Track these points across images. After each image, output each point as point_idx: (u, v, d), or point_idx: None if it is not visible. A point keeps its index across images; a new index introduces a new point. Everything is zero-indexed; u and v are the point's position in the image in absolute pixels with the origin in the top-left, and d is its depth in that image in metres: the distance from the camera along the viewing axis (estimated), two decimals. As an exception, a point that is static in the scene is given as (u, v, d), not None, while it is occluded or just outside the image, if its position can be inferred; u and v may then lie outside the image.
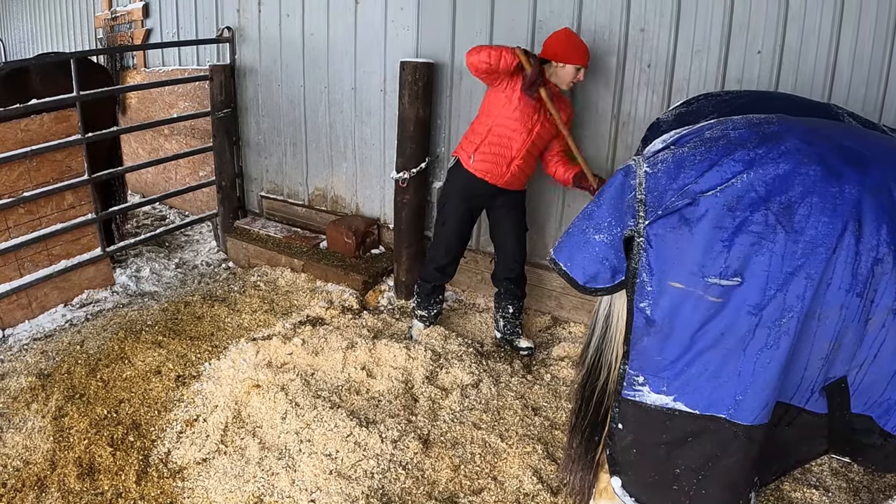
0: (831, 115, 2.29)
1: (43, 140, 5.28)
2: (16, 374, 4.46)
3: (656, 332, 1.95)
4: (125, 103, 8.40)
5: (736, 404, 1.86)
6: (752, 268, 1.79)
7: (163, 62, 8.17)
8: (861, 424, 1.94)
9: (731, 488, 1.99)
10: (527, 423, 3.80)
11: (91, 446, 3.74)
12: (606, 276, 2.14)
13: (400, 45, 5.34)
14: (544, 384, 4.19)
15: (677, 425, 1.95)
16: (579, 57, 4.10)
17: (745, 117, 2.09)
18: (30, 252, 5.34)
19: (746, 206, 1.81)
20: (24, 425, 3.93)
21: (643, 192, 2.02)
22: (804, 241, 1.75)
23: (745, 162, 1.87)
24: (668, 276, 1.92)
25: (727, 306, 1.83)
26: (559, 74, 4.18)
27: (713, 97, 2.49)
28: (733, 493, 2.02)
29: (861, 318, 1.80)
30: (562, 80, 4.20)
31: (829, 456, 3.42)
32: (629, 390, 2.02)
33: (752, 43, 3.88)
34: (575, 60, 4.10)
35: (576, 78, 4.18)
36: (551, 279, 4.97)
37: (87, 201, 5.69)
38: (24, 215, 5.27)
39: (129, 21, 8.63)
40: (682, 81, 4.14)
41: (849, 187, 1.78)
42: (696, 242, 1.87)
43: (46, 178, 5.37)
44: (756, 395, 1.84)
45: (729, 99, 2.43)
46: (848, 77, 3.70)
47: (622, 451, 2.09)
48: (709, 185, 1.89)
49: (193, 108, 7.29)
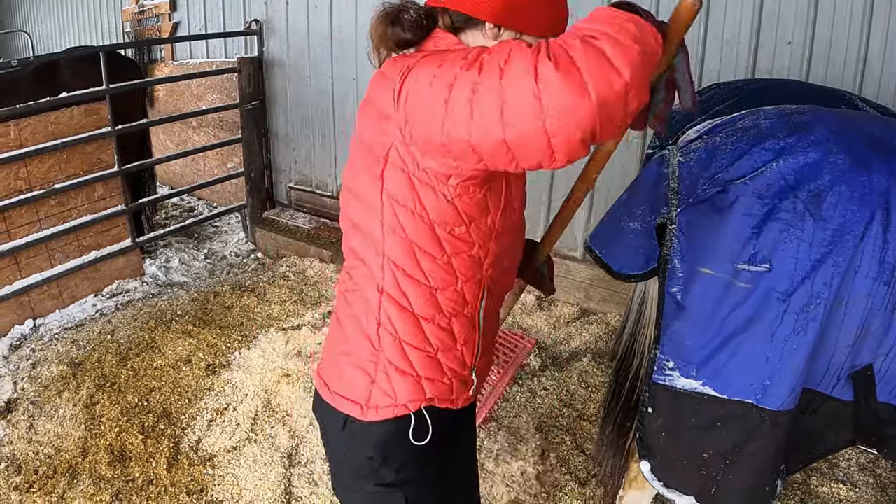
0: (845, 101, 2.30)
1: (73, 133, 5.38)
2: (47, 363, 4.57)
3: (686, 318, 1.98)
4: (153, 96, 8.52)
5: (763, 390, 1.88)
6: (781, 254, 1.81)
7: (191, 55, 8.27)
8: (886, 413, 1.96)
9: (757, 474, 2.02)
10: (555, 415, 3.83)
11: (122, 434, 3.82)
12: (640, 262, 2.18)
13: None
14: (573, 376, 4.20)
15: (706, 410, 1.98)
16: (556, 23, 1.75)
17: (777, 107, 2.11)
18: (60, 243, 5.45)
19: (775, 194, 1.83)
20: (55, 413, 4.02)
21: (676, 181, 2.05)
22: (832, 228, 1.77)
23: (774, 151, 1.89)
24: (699, 262, 1.95)
25: (756, 292, 1.85)
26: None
27: (725, 86, 2.51)
28: (759, 478, 2.04)
29: (888, 307, 1.82)
30: None
31: (856, 450, 3.48)
32: (659, 375, 2.05)
33: (783, 34, 3.87)
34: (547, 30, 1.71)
35: None
36: (579, 271, 4.99)
37: (116, 193, 5.79)
38: (54, 207, 5.36)
39: (157, 15, 8.74)
40: (713, 72, 4.13)
41: (877, 177, 1.79)
42: (725, 229, 1.89)
43: (77, 169, 5.47)
44: (783, 381, 1.86)
45: (741, 86, 2.45)
46: (879, 69, 3.67)
47: (652, 434, 2.12)
48: (739, 173, 1.91)
49: (222, 100, 7.38)
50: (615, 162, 4.63)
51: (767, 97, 2.27)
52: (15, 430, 3.89)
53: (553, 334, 4.74)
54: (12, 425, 3.94)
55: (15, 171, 5.08)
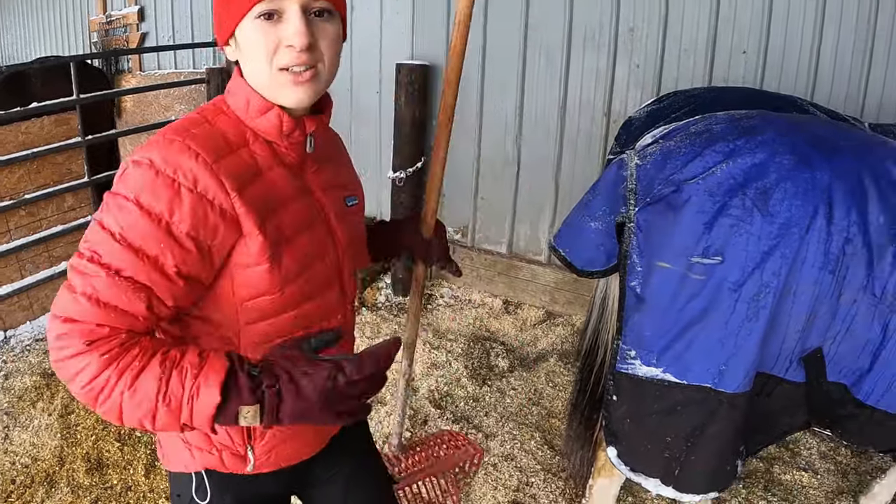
0: (796, 107, 2.45)
1: (43, 143, 5.38)
2: (20, 374, 4.55)
3: (646, 309, 2.11)
4: (121, 107, 8.47)
5: (720, 374, 2.02)
6: (732, 248, 1.95)
7: (158, 65, 8.29)
8: (837, 393, 2.10)
9: (718, 455, 2.15)
10: (524, 413, 3.94)
11: (99, 442, 3.85)
12: (602, 260, 2.33)
13: (395, 48, 5.48)
14: (541, 375, 4.31)
15: (667, 395, 2.11)
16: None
17: (728, 113, 2.25)
18: (31, 254, 5.42)
19: (726, 192, 1.98)
20: (30, 423, 4.03)
21: (634, 182, 2.19)
22: (778, 223, 1.92)
23: (724, 153, 2.03)
24: (656, 257, 2.09)
25: (709, 283, 1.99)
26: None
27: (682, 94, 2.66)
28: (721, 459, 2.18)
29: (834, 294, 1.96)
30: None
31: (816, 438, 3.64)
32: (622, 364, 2.18)
33: (738, 43, 4.03)
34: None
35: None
36: (545, 274, 5.11)
37: (87, 203, 5.79)
38: (24, 217, 5.36)
39: (125, 25, 8.73)
40: (671, 81, 4.28)
41: (820, 173, 1.94)
42: (680, 226, 2.03)
43: (47, 180, 5.47)
44: (738, 365, 2.00)
45: (697, 94, 2.61)
46: (830, 76, 3.84)
47: (617, 421, 2.24)
48: (692, 173, 2.05)
49: (189, 110, 7.37)
50: (578, 168, 4.78)
51: (722, 104, 2.41)
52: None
53: (520, 336, 4.86)
54: None
55: None
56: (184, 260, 1.26)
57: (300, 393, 1.18)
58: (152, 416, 1.18)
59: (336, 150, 1.73)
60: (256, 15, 1.31)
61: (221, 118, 1.41)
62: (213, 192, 1.28)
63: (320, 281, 1.50)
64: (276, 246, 1.37)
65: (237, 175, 1.32)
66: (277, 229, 1.37)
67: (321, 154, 1.55)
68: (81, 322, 1.18)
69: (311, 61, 1.34)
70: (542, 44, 4.79)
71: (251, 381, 1.18)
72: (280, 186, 1.41)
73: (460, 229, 5.55)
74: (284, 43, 1.32)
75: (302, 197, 1.47)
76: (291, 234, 1.41)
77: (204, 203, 1.27)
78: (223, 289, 1.39)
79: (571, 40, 4.64)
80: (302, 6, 1.31)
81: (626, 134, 2.60)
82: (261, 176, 1.39)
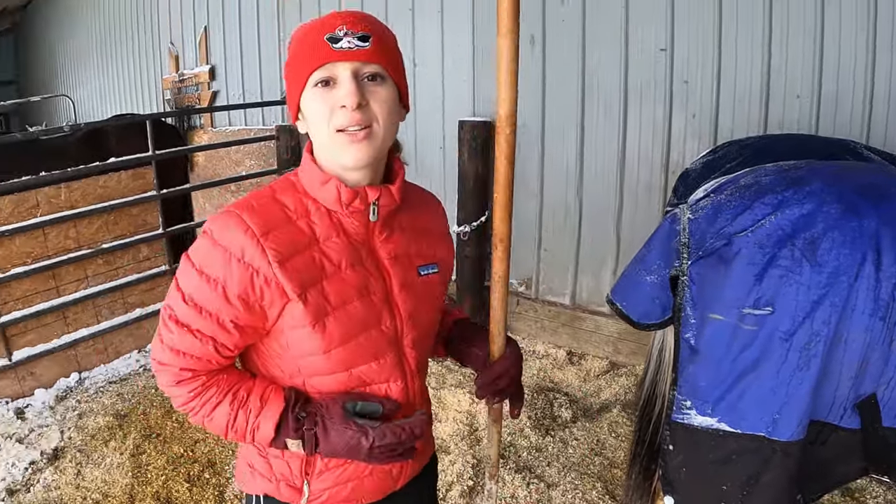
0: (850, 151, 2.46)
1: (120, 196, 5.76)
2: (93, 414, 4.81)
3: (700, 360, 2.14)
4: (193, 161, 8.84)
5: (773, 423, 2.03)
6: (782, 298, 1.98)
7: (229, 122, 8.61)
8: (893, 438, 2.09)
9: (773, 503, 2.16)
10: (587, 463, 3.95)
11: (168, 482, 4.02)
12: (657, 312, 2.36)
13: (457, 106, 5.61)
14: (603, 426, 4.32)
15: (722, 445, 2.13)
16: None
17: (776, 164, 2.29)
18: (107, 300, 5.77)
19: (775, 244, 2.01)
20: (102, 461, 4.23)
21: (686, 236, 2.23)
22: (827, 272, 1.94)
23: (773, 205, 2.07)
24: (709, 309, 2.12)
25: (761, 334, 2.01)
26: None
27: (736, 143, 2.70)
28: (777, 508, 2.18)
29: (885, 340, 1.97)
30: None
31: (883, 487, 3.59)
32: (678, 414, 2.21)
33: (791, 89, 4.06)
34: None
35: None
36: (608, 325, 5.13)
37: (160, 254, 6.14)
38: (101, 265, 5.73)
39: (196, 83, 9.14)
40: (727, 130, 4.32)
41: (867, 221, 1.96)
42: (731, 278, 2.06)
43: (123, 230, 5.85)
44: (791, 414, 2.01)
45: (751, 143, 2.64)
46: (884, 118, 3.84)
47: (673, 470, 2.26)
48: (742, 226, 2.09)
49: (259, 165, 7.70)
50: (639, 219, 4.82)
51: (774, 153, 2.45)
52: (63, 476, 4.09)
53: (584, 387, 4.88)
54: (60, 471, 4.14)
55: (65, 231, 5.46)
56: (237, 316, 1.48)
57: (329, 441, 1.48)
58: (225, 435, 1.56)
59: (421, 218, 1.76)
60: (314, 83, 1.45)
61: (289, 192, 1.57)
62: (258, 262, 1.45)
63: (372, 347, 1.58)
64: (320, 312, 1.50)
65: (284, 246, 1.47)
66: (321, 296, 1.50)
67: (396, 222, 1.65)
68: (169, 366, 1.53)
69: (365, 121, 1.44)
70: (599, 96, 4.89)
71: (296, 422, 1.51)
72: (333, 256, 1.53)
73: (524, 281, 5.62)
74: (338, 104, 1.43)
75: (358, 266, 1.56)
76: (338, 302, 1.52)
77: (250, 271, 1.45)
78: (280, 344, 1.56)
79: (628, 92, 4.73)
80: (353, 71, 1.44)
81: (682, 186, 2.65)
82: (313, 246, 1.52)
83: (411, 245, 1.68)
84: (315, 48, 1.44)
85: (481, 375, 1.83)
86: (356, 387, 1.59)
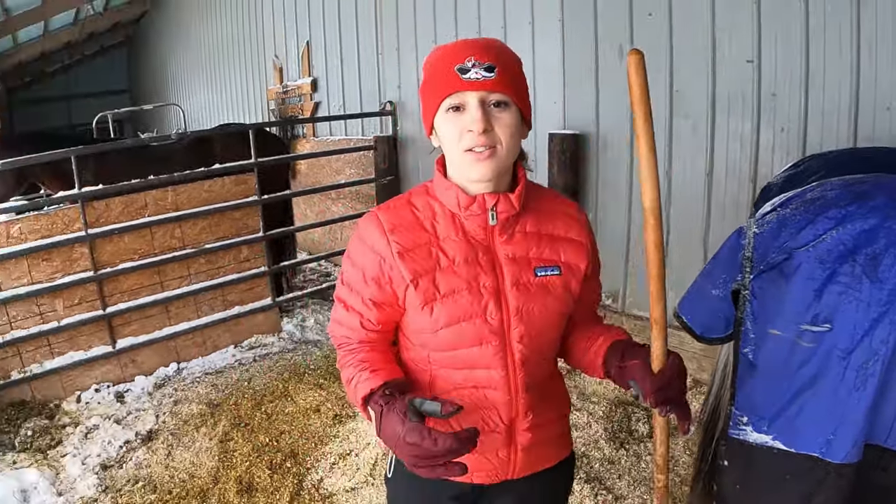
0: None
1: (223, 200, 6.09)
2: (188, 402, 5.15)
3: (758, 376, 2.11)
4: (296, 168, 9.24)
5: (828, 443, 1.98)
6: (841, 315, 1.93)
7: (330, 132, 8.87)
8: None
9: (828, 527, 2.10)
10: (659, 478, 3.89)
11: (251, 468, 4.23)
12: (721, 326, 2.35)
13: (547, 119, 5.62)
14: (679, 443, 4.26)
15: (776, 463, 2.08)
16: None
17: (843, 178, 2.23)
18: (207, 297, 6.15)
19: (836, 259, 1.96)
20: (192, 445, 4.53)
21: (750, 251, 2.20)
22: (888, 289, 1.88)
23: (836, 219, 2.02)
24: (769, 324, 2.09)
25: (819, 351, 1.97)
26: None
27: (818, 157, 2.64)
28: (831, 531, 2.12)
29: (946, 362, 1.90)
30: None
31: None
32: (735, 430, 2.18)
33: (881, 100, 3.91)
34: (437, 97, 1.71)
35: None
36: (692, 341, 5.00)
37: (260, 255, 6.47)
38: (204, 264, 6.09)
39: (299, 94, 9.48)
40: (815, 143, 4.19)
41: (932, 238, 1.90)
42: (791, 293, 2.03)
43: (225, 232, 6.19)
44: (846, 435, 1.95)
45: (832, 157, 2.57)
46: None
47: (727, 486, 2.24)
48: (804, 241, 2.05)
49: (358, 174, 7.96)
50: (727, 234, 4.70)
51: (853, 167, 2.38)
52: (154, 456, 4.42)
53: (664, 403, 4.79)
54: (152, 451, 4.47)
55: (171, 231, 5.85)
56: (374, 294, 1.82)
57: (382, 422, 1.61)
58: (347, 388, 1.83)
59: (549, 224, 1.88)
60: (446, 109, 1.68)
61: (422, 196, 1.86)
62: (385, 252, 1.77)
63: (476, 333, 1.77)
64: (429, 297, 1.76)
65: (406, 240, 1.77)
66: (432, 284, 1.76)
67: (518, 226, 1.83)
68: (333, 332, 1.98)
69: (489, 143, 1.64)
70: (687, 110, 4.82)
71: (379, 398, 1.66)
72: (449, 252, 1.78)
73: (611, 294, 5.58)
74: (467, 128, 1.64)
75: (472, 262, 1.78)
76: (447, 290, 1.76)
77: (379, 259, 1.78)
78: (407, 321, 1.86)
79: (715, 106, 4.66)
80: (479, 99, 1.63)
81: (763, 200, 2.60)
82: (432, 242, 1.79)
83: (532, 248, 1.83)
84: (447, 76, 1.66)
85: (650, 380, 1.81)
86: (463, 367, 1.82)
